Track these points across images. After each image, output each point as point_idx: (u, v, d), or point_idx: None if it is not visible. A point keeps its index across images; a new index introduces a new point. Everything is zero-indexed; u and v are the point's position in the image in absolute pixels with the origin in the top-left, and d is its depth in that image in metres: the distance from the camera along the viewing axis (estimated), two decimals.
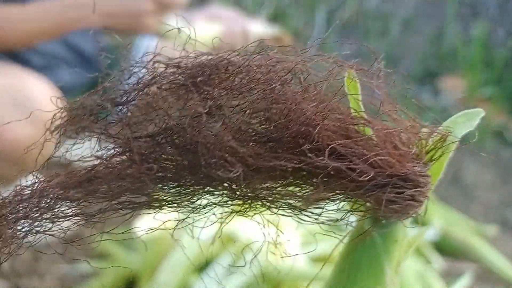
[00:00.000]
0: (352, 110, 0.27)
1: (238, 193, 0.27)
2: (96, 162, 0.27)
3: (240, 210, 0.28)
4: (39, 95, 0.75)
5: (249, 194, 0.27)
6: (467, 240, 0.93)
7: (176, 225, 0.31)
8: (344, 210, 0.28)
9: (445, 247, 0.94)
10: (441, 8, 1.81)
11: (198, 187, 0.27)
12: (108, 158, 0.27)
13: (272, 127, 0.25)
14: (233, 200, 0.27)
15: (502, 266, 0.89)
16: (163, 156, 0.26)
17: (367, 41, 1.82)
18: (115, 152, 0.26)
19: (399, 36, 1.81)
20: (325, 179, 0.26)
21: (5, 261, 0.27)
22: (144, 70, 0.27)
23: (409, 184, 0.26)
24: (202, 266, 0.68)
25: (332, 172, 0.25)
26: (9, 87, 0.76)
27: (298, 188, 0.27)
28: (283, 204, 0.27)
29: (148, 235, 0.32)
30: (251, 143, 0.26)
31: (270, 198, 0.27)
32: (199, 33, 0.28)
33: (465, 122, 0.30)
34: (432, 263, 0.87)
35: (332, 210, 0.27)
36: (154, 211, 0.28)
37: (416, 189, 0.26)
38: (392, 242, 0.29)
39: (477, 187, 1.21)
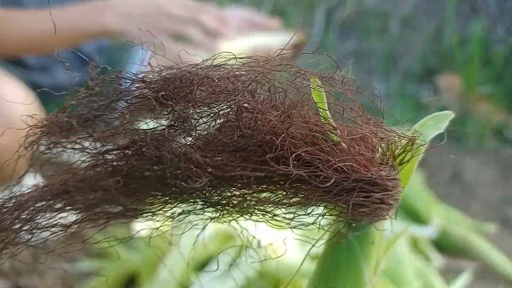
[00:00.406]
0: (318, 117, 0.28)
1: (209, 201, 0.27)
2: (68, 174, 0.28)
3: (215, 217, 0.28)
4: (14, 100, 0.72)
5: (221, 202, 0.27)
6: (467, 238, 0.93)
7: (172, 227, 0.31)
8: (316, 214, 0.29)
9: (444, 245, 0.94)
10: (440, 6, 1.81)
11: (170, 197, 0.28)
12: (81, 169, 0.28)
13: (237, 137, 0.26)
14: (207, 208, 0.28)
15: (502, 264, 0.89)
16: (133, 168, 0.26)
17: (367, 39, 1.82)
18: (87, 164, 0.27)
19: (398, 34, 1.81)
20: (293, 185, 0.27)
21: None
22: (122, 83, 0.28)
23: (377, 188, 0.27)
24: (202, 265, 0.68)
25: (299, 179, 0.26)
26: None
27: (270, 194, 0.28)
28: (256, 210, 0.28)
29: (148, 233, 0.32)
30: (218, 153, 0.26)
31: (242, 205, 0.28)
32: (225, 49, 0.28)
33: (434, 125, 0.31)
34: (431, 261, 0.87)
35: (304, 214, 0.28)
36: (129, 220, 0.29)
37: (384, 193, 0.27)
38: (369, 244, 0.30)
39: (477, 185, 1.21)
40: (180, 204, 0.28)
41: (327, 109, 0.28)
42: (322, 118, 0.28)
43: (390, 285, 0.65)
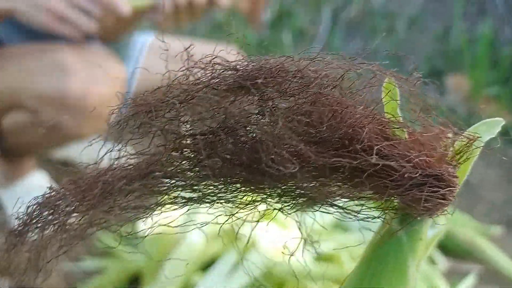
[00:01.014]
0: (389, 115, 0.30)
1: (287, 190, 0.28)
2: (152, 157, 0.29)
3: (281, 208, 0.29)
4: (108, 59, 0.87)
5: (296, 192, 0.28)
6: (472, 240, 0.93)
7: (181, 224, 0.32)
8: (377, 208, 0.30)
9: (449, 247, 0.94)
10: (448, 6, 1.80)
11: (250, 184, 0.29)
12: (164, 154, 0.29)
13: (323, 128, 0.27)
14: (281, 197, 0.29)
15: (507, 266, 0.89)
16: (221, 152, 0.28)
17: (373, 40, 1.81)
18: (170, 148, 0.28)
19: (405, 34, 1.80)
20: (368, 178, 0.28)
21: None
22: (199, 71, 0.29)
23: (443, 183, 0.28)
24: (206, 264, 0.68)
25: (375, 172, 0.27)
26: (82, 55, 0.84)
27: (336, 188, 0.29)
28: (326, 202, 0.29)
29: (152, 233, 0.32)
30: (307, 143, 0.27)
31: (315, 196, 0.29)
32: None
33: (487, 130, 0.33)
34: (437, 263, 0.87)
35: (368, 207, 0.29)
36: (207, 206, 0.30)
37: (448, 189, 0.28)
38: (417, 240, 0.30)
39: (482, 187, 1.20)
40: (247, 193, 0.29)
41: (398, 107, 0.30)
42: (393, 116, 0.30)
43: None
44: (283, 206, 0.29)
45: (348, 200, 0.29)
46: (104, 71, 0.81)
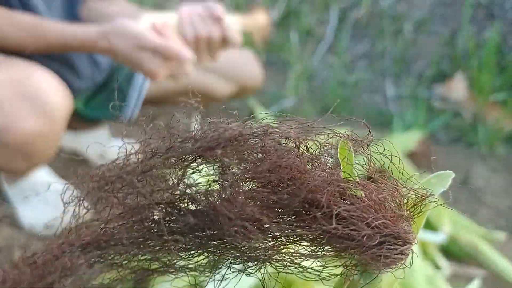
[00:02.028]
0: (346, 177, 0.32)
1: (248, 255, 0.30)
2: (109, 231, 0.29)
3: (244, 270, 0.32)
4: (47, 88, 0.78)
5: (258, 256, 0.30)
6: (475, 245, 0.93)
7: None
8: (338, 265, 0.32)
9: (453, 251, 0.94)
10: (456, 10, 1.80)
11: (212, 252, 0.30)
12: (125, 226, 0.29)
13: (283, 195, 0.28)
14: (243, 262, 0.31)
15: (510, 272, 0.89)
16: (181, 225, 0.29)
17: (380, 41, 1.81)
18: (133, 220, 0.29)
19: (412, 37, 1.81)
20: (329, 240, 0.30)
21: None
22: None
23: (400, 241, 0.30)
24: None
25: (335, 235, 0.29)
26: (16, 80, 0.77)
27: (298, 248, 0.31)
28: (288, 264, 0.31)
29: None
30: (265, 211, 0.29)
31: (276, 258, 0.31)
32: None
33: (438, 183, 0.35)
34: (440, 268, 0.88)
35: (329, 266, 0.32)
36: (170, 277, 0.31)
37: (406, 245, 0.31)
38: (377, 286, 0.33)
39: (487, 192, 1.21)
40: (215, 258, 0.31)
41: (353, 169, 0.32)
42: (350, 177, 0.31)
43: None
44: (246, 268, 0.31)
45: (310, 259, 0.31)
46: (36, 104, 0.74)
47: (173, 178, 0.28)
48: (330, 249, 0.30)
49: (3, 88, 0.76)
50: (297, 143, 0.29)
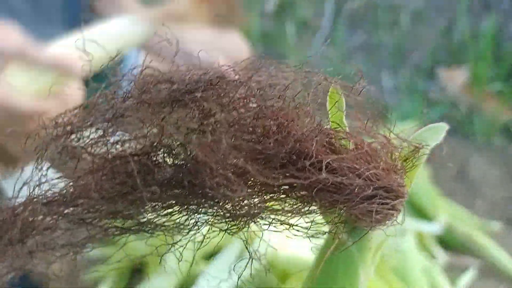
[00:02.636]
0: (335, 125, 0.29)
1: (231, 211, 0.27)
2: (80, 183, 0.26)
3: (227, 229, 0.29)
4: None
5: (241, 212, 0.27)
6: (472, 236, 0.94)
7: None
8: (325, 223, 0.29)
9: (449, 242, 0.94)
10: (452, 1, 1.79)
11: (189, 207, 0.27)
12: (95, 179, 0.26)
13: (269, 144, 0.26)
14: (224, 219, 0.28)
15: (506, 262, 0.90)
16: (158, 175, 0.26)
17: (377, 33, 1.81)
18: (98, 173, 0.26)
19: (409, 28, 1.80)
20: (317, 193, 0.27)
21: None
22: (131, 84, 0.26)
23: (392, 195, 0.28)
24: (210, 255, 0.68)
25: (324, 187, 0.27)
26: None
27: (284, 203, 0.28)
28: (273, 220, 0.28)
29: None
30: (249, 161, 0.26)
31: (261, 214, 0.28)
32: None
33: (431, 136, 0.32)
34: (436, 258, 0.88)
35: (317, 223, 0.29)
36: (143, 235, 0.29)
37: (399, 199, 0.28)
38: (367, 250, 0.30)
39: (483, 183, 1.21)
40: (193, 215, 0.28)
41: (344, 117, 0.29)
42: (339, 126, 0.29)
43: (398, 282, 0.66)
44: (228, 226, 0.28)
45: (296, 215, 0.28)
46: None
47: (147, 126, 0.25)
48: (318, 206, 0.28)
49: None
50: (285, 88, 0.27)
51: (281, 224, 0.28)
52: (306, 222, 0.29)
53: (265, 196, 0.27)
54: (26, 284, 0.72)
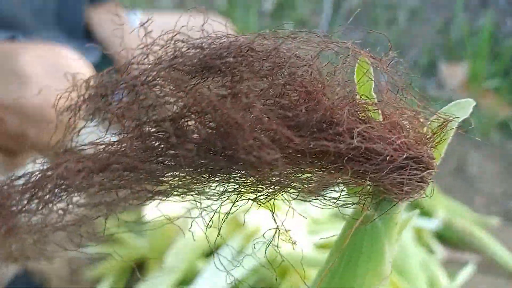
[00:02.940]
0: (364, 97, 0.28)
1: (261, 180, 0.26)
2: (109, 148, 0.26)
3: (255, 198, 0.27)
4: (75, 64, 0.78)
5: (270, 181, 0.26)
6: (470, 231, 0.94)
7: (184, 214, 0.31)
8: (351, 194, 0.28)
9: (448, 237, 0.95)
10: None
11: (222, 173, 0.26)
12: (124, 142, 0.26)
13: (300, 112, 0.25)
14: (256, 185, 0.27)
15: (504, 257, 0.90)
16: (191, 139, 0.25)
17: (375, 30, 1.81)
18: (133, 135, 0.25)
19: (406, 25, 1.80)
20: (347, 163, 0.26)
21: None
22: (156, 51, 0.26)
23: (422, 166, 0.27)
24: (210, 251, 0.69)
25: (354, 157, 0.26)
26: (43, 56, 0.78)
27: (314, 174, 0.27)
28: (301, 190, 0.27)
29: (156, 219, 0.32)
30: (285, 127, 0.25)
31: (290, 184, 0.27)
32: None
33: (459, 110, 0.31)
34: (435, 253, 0.88)
35: (343, 194, 0.28)
36: (172, 199, 0.27)
37: (427, 171, 0.27)
38: (393, 225, 0.29)
39: (481, 179, 1.21)
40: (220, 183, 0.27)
41: (372, 88, 0.28)
42: (367, 97, 0.28)
43: (396, 277, 0.66)
44: (257, 195, 0.27)
45: (324, 186, 0.27)
46: (68, 78, 0.74)
47: (177, 92, 0.25)
48: (348, 176, 0.26)
49: (37, 68, 0.76)
50: (314, 57, 0.26)
51: (310, 194, 0.27)
52: (335, 192, 0.28)
53: (295, 165, 0.26)
54: (26, 284, 0.72)
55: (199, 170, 0.26)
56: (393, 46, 0.31)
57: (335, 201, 0.28)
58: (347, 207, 0.28)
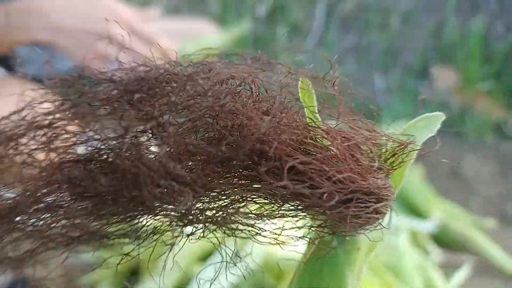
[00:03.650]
0: (308, 121, 0.26)
1: (188, 218, 0.25)
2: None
3: (192, 233, 0.27)
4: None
5: (200, 219, 0.25)
6: (466, 233, 0.94)
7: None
8: (304, 226, 0.27)
9: (444, 239, 0.95)
10: (441, 2, 1.81)
11: (139, 216, 0.25)
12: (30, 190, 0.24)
13: (223, 146, 0.23)
14: (184, 225, 0.26)
15: (500, 259, 0.90)
16: (97, 185, 0.23)
17: (367, 34, 1.82)
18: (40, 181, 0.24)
19: (399, 29, 1.81)
20: (285, 198, 0.25)
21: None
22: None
23: (373, 197, 0.25)
24: (205, 256, 0.68)
25: (293, 192, 0.24)
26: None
27: (255, 206, 0.26)
28: (241, 226, 0.26)
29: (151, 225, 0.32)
30: (202, 164, 0.23)
31: (226, 221, 0.25)
32: None
33: (425, 127, 0.28)
34: (431, 255, 0.88)
35: (292, 227, 0.27)
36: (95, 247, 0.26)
37: (380, 203, 0.25)
38: (354, 251, 0.28)
39: (476, 181, 1.21)
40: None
41: (317, 112, 0.26)
42: (311, 122, 0.26)
43: (392, 279, 0.66)
44: (193, 231, 0.26)
45: (271, 219, 0.26)
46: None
47: (80, 132, 0.23)
48: (290, 209, 0.25)
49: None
50: (244, 82, 0.24)
51: (248, 229, 0.26)
52: (277, 228, 0.26)
53: (235, 200, 0.25)
54: None
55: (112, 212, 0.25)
56: (385, 50, 0.30)
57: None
58: (288, 244, 0.27)
